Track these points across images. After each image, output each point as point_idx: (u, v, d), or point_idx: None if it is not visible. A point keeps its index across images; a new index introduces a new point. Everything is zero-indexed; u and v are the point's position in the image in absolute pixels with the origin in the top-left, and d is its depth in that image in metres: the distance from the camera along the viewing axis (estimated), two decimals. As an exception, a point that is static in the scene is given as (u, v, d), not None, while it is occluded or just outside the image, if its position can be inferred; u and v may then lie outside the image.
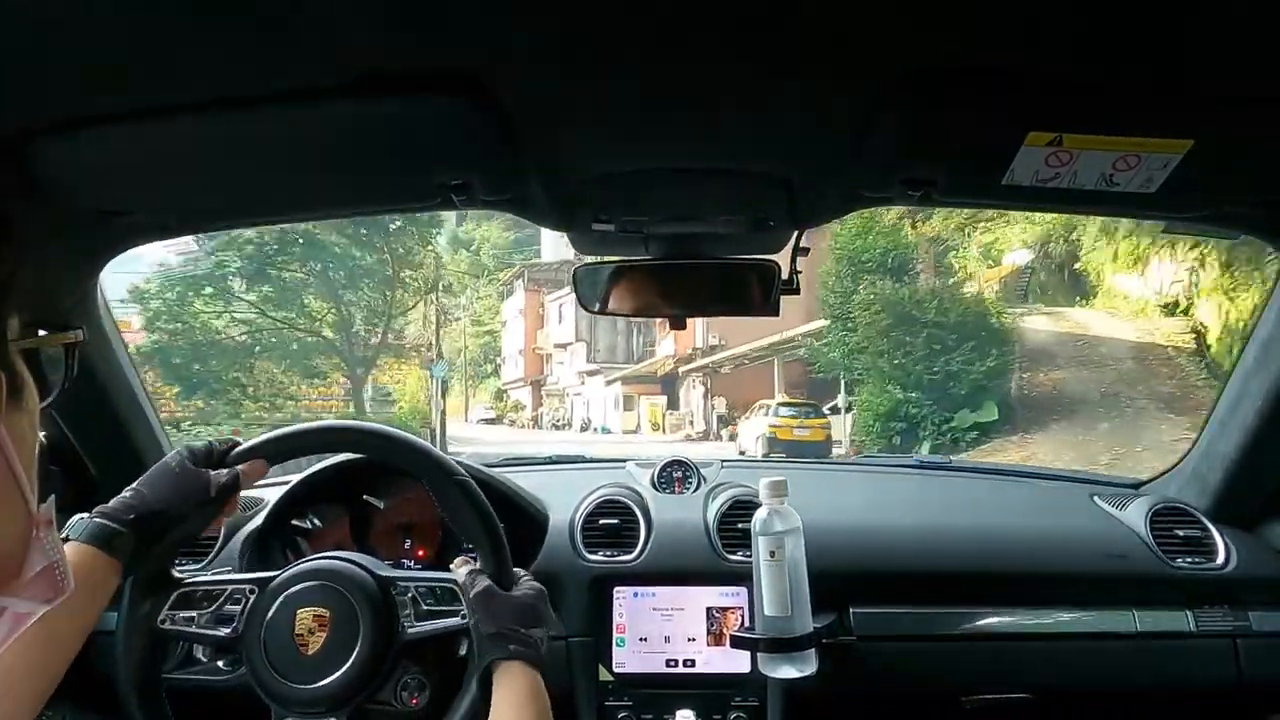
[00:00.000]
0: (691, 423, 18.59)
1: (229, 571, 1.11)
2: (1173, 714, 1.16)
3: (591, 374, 23.71)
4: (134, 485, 0.75)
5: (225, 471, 0.78)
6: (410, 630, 0.78)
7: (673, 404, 20.49)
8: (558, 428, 25.16)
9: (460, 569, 0.80)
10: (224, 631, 0.78)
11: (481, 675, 0.73)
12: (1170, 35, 0.56)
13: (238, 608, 0.79)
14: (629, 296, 1.04)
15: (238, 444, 0.82)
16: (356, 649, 0.75)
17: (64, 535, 0.69)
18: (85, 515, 0.73)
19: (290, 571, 0.80)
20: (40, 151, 0.66)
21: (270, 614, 0.77)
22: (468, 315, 31.63)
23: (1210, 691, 1.12)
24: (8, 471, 0.34)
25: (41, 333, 0.44)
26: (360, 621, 0.76)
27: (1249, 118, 0.66)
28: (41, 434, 0.40)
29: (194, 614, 0.79)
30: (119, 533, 0.71)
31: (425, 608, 0.79)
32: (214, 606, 0.79)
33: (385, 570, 0.81)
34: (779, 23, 0.55)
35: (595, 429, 22.21)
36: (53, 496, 0.39)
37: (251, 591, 0.79)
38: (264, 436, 0.84)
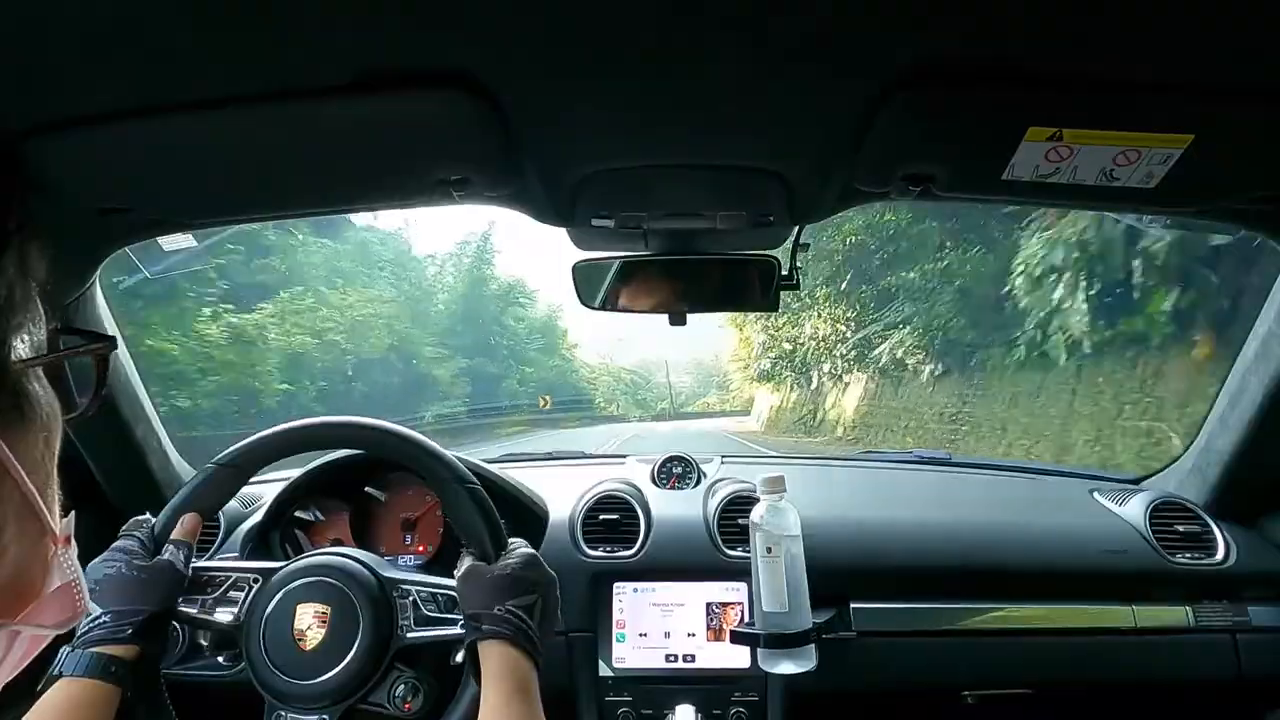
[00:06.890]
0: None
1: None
2: (1172, 709, 1.17)
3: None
4: (105, 609, 0.73)
5: (174, 545, 0.79)
6: (409, 635, 0.78)
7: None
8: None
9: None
10: (226, 618, 0.79)
11: (471, 660, 0.72)
12: (1170, 29, 0.56)
13: (241, 594, 0.79)
14: (629, 293, 1.04)
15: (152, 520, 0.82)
16: (353, 649, 0.76)
17: (55, 671, 0.68)
18: (68, 646, 0.70)
19: (294, 565, 0.80)
20: (39, 150, 0.66)
21: (271, 607, 0.78)
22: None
23: (1209, 686, 1.12)
24: (15, 492, 0.34)
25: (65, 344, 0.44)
26: (360, 621, 0.76)
27: (1249, 112, 0.66)
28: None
29: (199, 598, 0.79)
30: (118, 659, 0.70)
31: (425, 613, 0.79)
32: (218, 592, 0.80)
33: (389, 571, 0.81)
34: (778, 19, 0.55)
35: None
36: (72, 514, 0.39)
37: (255, 580, 0.80)
38: (238, 446, 0.85)
